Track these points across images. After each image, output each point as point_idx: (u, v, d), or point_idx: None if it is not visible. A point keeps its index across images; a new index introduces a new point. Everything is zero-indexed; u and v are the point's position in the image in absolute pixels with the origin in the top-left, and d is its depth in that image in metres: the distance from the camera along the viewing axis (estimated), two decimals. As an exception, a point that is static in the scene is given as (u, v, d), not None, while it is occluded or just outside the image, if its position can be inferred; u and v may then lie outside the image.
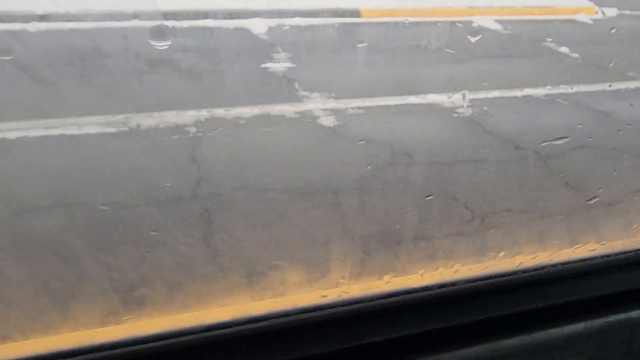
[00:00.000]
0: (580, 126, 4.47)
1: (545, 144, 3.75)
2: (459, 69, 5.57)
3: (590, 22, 8.13)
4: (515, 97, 4.91)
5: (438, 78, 5.28)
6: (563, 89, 5.21)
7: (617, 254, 0.81)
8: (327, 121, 4.11)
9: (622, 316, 0.72)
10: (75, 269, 1.73)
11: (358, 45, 6.25)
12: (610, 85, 5.39)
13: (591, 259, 0.78)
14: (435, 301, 0.75)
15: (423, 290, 0.76)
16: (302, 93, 4.58)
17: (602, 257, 0.78)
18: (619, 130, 4.38)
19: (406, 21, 7.42)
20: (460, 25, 7.42)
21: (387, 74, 5.29)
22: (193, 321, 0.70)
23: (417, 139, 4.04)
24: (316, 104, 4.44)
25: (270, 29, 6.53)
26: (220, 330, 0.68)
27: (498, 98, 4.87)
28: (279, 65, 5.26)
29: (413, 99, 4.63)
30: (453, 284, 0.77)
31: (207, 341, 0.68)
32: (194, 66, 4.12)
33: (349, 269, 1.82)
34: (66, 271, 1.75)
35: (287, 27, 6.67)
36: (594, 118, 4.60)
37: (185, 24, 6.14)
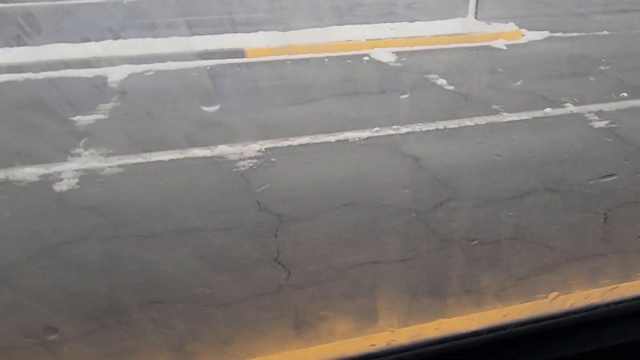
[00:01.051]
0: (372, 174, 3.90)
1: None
2: (294, 111, 5.11)
3: (505, 48, 7.46)
4: (327, 143, 4.37)
5: (257, 124, 4.83)
6: (392, 130, 4.63)
7: None
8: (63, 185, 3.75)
9: None
10: None
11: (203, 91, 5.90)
12: (445, 128, 4.74)
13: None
14: (482, 346, 0.73)
15: (473, 335, 0.74)
16: (78, 151, 4.25)
17: None
18: (405, 189, 3.78)
19: (289, 59, 7.03)
20: (350, 60, 6.97)
21: (204, 120, 4.89)
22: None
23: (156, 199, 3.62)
24: (91, 162, 4.09)
25: (129, 76, 6.30)
26: None
27: (304, 145, 4.35)
28: (89, 118, 4.97)
29: (197, 152, 4.20)
30: (503, 327, 0.74)
31: None
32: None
33: None
34: None
35: (151, 73, 6.42)
36: (394, 166, 4.00)
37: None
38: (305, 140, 4.50)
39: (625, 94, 5.46)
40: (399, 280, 2.75)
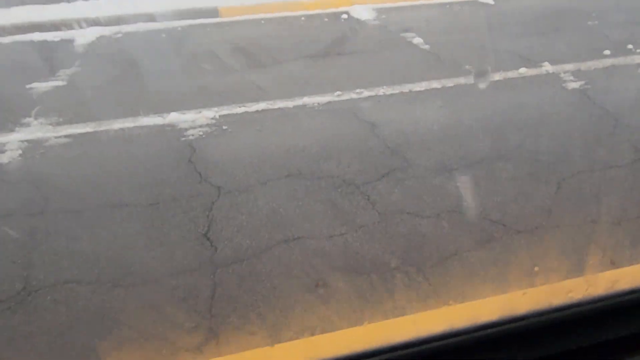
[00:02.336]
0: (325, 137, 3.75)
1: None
2: (257, 75, 4.93)
3: (492, 2, 7.11)
4: (283, 109, 4.21)
5: (216, 89, 4.67)
6: (354, 94, 4.44)
7: None
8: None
9: None
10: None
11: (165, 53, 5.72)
12: (410, 90, 4.53)
13: None
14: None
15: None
16: (27, 120, 4.15)
17: None
18: (354, 158, 3.63)
19: (264, 18, 6.78)
20: (327, 19, 6.70)
21: (158, 88, 4.74)
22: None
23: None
24: (38, 132, 3.99)
25: (99, 38, 6.13)
26: None
27: (260, 112, 4.19)
28: (45, 85, 4.85)
29: (147, 121, 4.06)
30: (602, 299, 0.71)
31: None
32: None
33: None
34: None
35: (120, 35, 6.23)
36: (348, 133, 3.83)
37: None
38: (262, 106, 4.34)
39: (607, 52, 5.17)
40: (323, 258, 2.65)
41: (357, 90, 4.54)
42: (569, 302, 0.71)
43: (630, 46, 5.31)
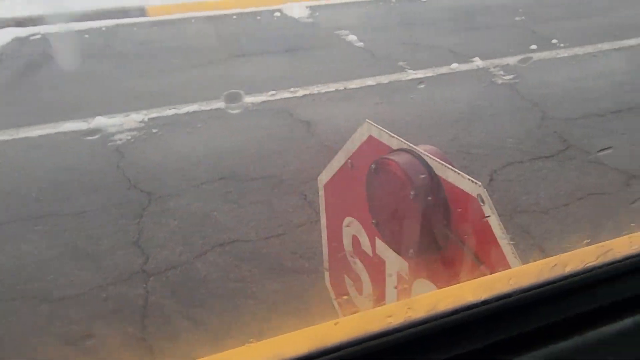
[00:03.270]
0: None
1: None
2: (189, 76, 4.85)
3: (424, -1, 7.32)
4: (216, 110, 4.17)
5: (145, 91, 4.56)
6: (289, 93, 4.47)
7: (625, 258, 0.80)
8: None
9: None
10: None
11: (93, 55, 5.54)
12: (345, 88, 4.61)
13: (599, 267, 0.77)
14: (492, 316, 0.74)
15: (483, 305, 0.73)
16: None
17: (609, 264, 0.78)
18: (288, 158, 3.65)
19: (195, 17, 6.69)
20: (259, 17, 6.69)
21: (82, 91, 4.58)
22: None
23: None
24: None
25: (14, 40, 5.85)
26: None
27: (191, 113, 4.14)
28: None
29: (70, 126, 3.92)
30: (508, 295, 0.74)
31: None
32: None
33: None
34: None
35: (38, 37, 5.97)
36: (282, 133, 3.86)
37: None
38: (193, 107, 4.29)
39: (534, 46, 5.45)
40: (259, 260, 2.65)
41: (292, 89, 4.57)
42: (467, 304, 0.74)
43: (554, 41, 5.61)
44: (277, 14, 6.71)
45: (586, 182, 3.21)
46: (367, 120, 1.73)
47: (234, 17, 6.65)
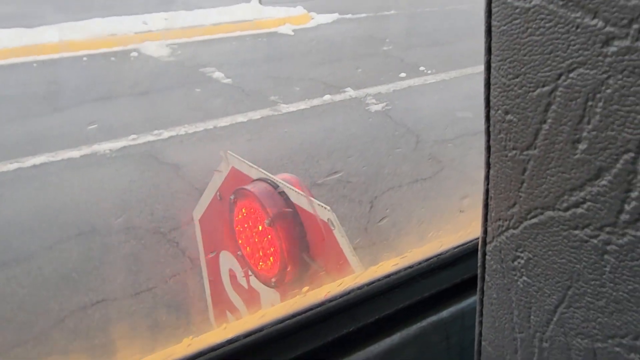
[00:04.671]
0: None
1: None
2: (32, 126, 4.57)
3: (292, 33, 7.63)
4: (68, 160, 3.98)
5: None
6: (153, 136, 4.39)
7: (419, 263, 0.88)
8: None
9: (434, 318, 0.84)
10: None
11: None
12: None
13: (395, 273, 0.87)
14: (240, 352, 0.76)
15: (228, 344, 0.76)
16: None
17: (405, 269, 0.88)
18: (157, 205, 3.56)
19: (37, 61, 6.38)
20: (114, 58, 6.53)
21: None
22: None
23: None
24: None
25: None
26: None
27: (38, 166, 3.91)
28: None
29: None
30: (260, 329, 0.77)
31: None
32: None
33: None
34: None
35: None
36: (148, 178, 3.78)
37: None
38: (41, 159, 4.05)
39: (403, 74, 5.87)
40: (128, 319, 2.53)
41: (156, 132, 4.50)
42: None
43: (422, 68, 6.10)
44: (134, 53, 6.62)
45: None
46: (228, 151, 1.76)
47: (84, 59, 6.45)
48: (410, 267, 0.90)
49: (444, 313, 0.86)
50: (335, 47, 7.04)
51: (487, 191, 0.47)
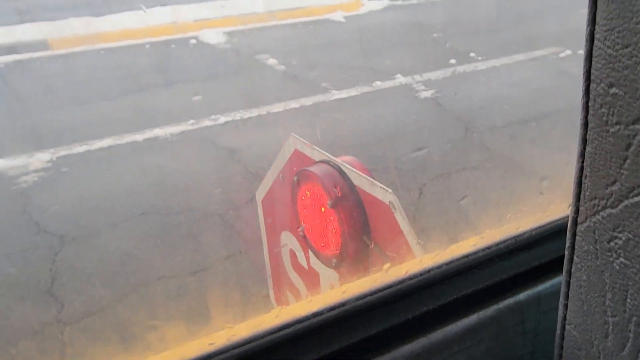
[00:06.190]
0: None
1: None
2: (99, 109, 4.73)
3: (343, 20, 7.57)
4: (132, 143, 4.09)
5: (50, 128, 4.40)
6: (210, 121, 4.46)
7: (496, 244, 0.87)
8: None
9: (511, 301, 0.83)
10: None
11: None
12: (266, 112, 4.68)
13: (473, 253, 0.86)
14: (324, 326, 0.77)
15: (314, 317, 0.76)
16: None
17: (483, 249, 0.86)
18: (215, 188, 3.63)
19: (104, 48, 6.56)
20: (174, 45, 6.65)
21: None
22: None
23: None
24: None
25: None
26: None
27: (105, 149, 4.04)
28: None
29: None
30: (343, 304, 0.78)
31: None
32: None
33: None
34: None
35: None
36: (206, 162, 3.85)
37: None
38: (107, 142, 4.18)
39: (453, 61, 5.75)
40: (187, 298, 2.60)
41: (213, 117, 4.56)
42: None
43: (472, 54, 5.95)
44: (193, 41, 6.71)
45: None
46: (292, 134, 1.77)
47: (147, 46, 6.59)
48: (488, 247, 0.88)
49: (521, 296, 0.85)
50: (385, 33, 6.94)
51: (581, 169, 0.45)
